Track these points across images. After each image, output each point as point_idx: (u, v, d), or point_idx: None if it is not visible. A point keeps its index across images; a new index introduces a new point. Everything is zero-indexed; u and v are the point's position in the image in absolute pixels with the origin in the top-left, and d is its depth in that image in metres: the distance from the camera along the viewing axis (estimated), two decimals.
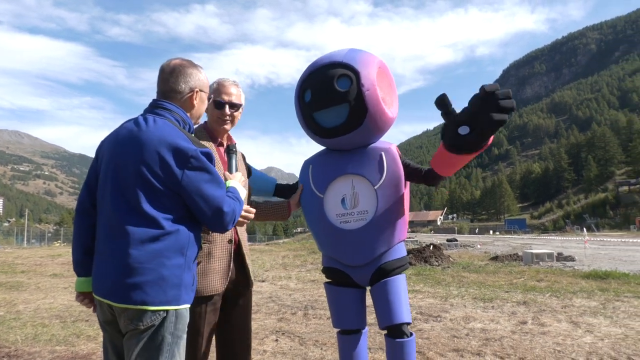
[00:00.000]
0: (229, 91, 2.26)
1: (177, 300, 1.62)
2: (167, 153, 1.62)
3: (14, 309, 6.61)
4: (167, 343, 1.60)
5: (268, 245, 35.30)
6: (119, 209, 1.62)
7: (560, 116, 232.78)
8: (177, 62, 1.84)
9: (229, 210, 1.71)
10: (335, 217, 2.34)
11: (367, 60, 2.25)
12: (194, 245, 1.71)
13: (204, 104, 1.93)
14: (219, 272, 2.14)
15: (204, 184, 1.65)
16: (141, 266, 1.56)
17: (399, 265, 2.35)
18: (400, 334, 2.30)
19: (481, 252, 19.56)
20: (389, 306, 2.28)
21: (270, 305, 6.83)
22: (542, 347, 4.31)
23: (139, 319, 1.57)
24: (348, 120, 2.21)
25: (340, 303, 2.46)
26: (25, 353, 4.31)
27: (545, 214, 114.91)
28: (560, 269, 11.23)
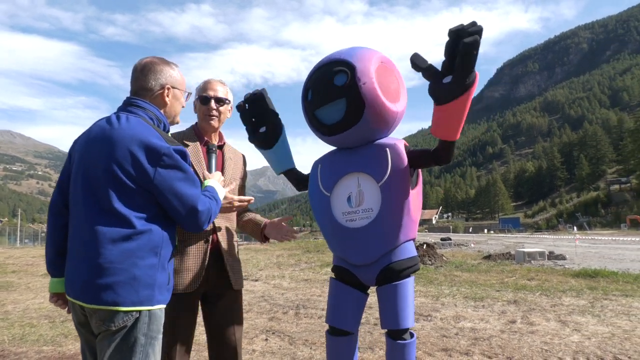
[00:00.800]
0: (215, 87, 2.29)
1: (150, 300, 1.60)
2: (139, 151, 1.60)
3: (2, 309, 6.56)
4: (140, 344, 1.58)
5: (264, 244, 35.30)
6: (90, 209, 1.60)
7: (553, 115, 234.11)
8: (149, 60, 1.83)
9: (204, 209, 1.69)
10: (342, 216, 2.33)
11: (366, 55, 2.26)
12: (168, 244, 1.69)
13: (178, 101, 1.89)
14: (192, 271, 2.13)
15: (177, 182, 1.63)
16: (112, 266, 1.54)
17: (409, 265, 2.32)
18: (401, 336, 2.29)
19: (474, 251, 19.64)
20: (395, 311, 2.27)
21: (262, 305, 6.82)
22: (529, 346, 4.33)
23: (110, 320, 1.55)
24: (346, 114, 2.21)
25: (339, 301, 2.45)
26: (11, 353, 4.28)
27: (539, 213, 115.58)
28: (551, 268, 11.30)
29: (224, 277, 2.25)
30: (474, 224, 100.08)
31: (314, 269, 12.40)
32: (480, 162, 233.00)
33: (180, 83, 1.89)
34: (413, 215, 2.32)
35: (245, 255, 18.81)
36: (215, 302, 2.27)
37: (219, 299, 2.27)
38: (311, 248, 20.19)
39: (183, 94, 1.92)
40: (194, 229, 1.73)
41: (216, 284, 2.24)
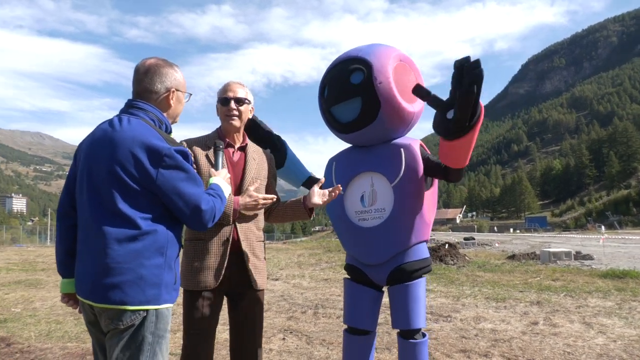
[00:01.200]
0: (234, 89, 2.33)
1: (156, 299, 1.62)
2: (140, 152, 1.62)
3: (30, 306, 6.77)
4: (147, 342, 1.61)
5: (285, 243, 35.43)
6: (96, 210, 1.63)
7: (580, 111, 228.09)
8: (152, 61, 1.83)
9: (208, 208, 1.70)
10: (354, 215, 2.33)
11: (384, 53, 2.24)
12: (174, 244, 1.71)
13: (180, 103, 1.91)
14: (213, 269, 2.19)
15: (179, 182, 1.65)
16: (119, 266, 1.57)
17: (421, 267, 2.31)
18: (413, 336, 2.29)
19: (499, 250, 19.31)
20: (406, 311, 2.26)
21: (282, 304, 6.85)
22: (551, 348, 4.23)
23: (118, 318, 1.58)
24: (361, 113, 2.20)
25: (355, 300, 2.45)
26: (37, 349, 4.41)
27: (567, 212, 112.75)
28: (578, 268, 11.02)
29: (246, 277, 2.27)
30: (499, 223, 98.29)
31: (334, 268, 12.39)
32: (505, 160, 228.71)
33: (183, 85, 1.90)
34: (426, 217, 2.31)
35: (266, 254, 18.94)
36: (238, 301, 2.30)
37: (241, 299, 2.30)
38: (332, 247, 20.18)
39: (185, 95, 1.93)
40: (198, 227, 1.74)
41: (238, 283, 2.27)
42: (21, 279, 10.14)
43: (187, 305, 2.23)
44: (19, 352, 4.36)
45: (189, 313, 2.21)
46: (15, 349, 4.44)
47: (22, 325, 5.43)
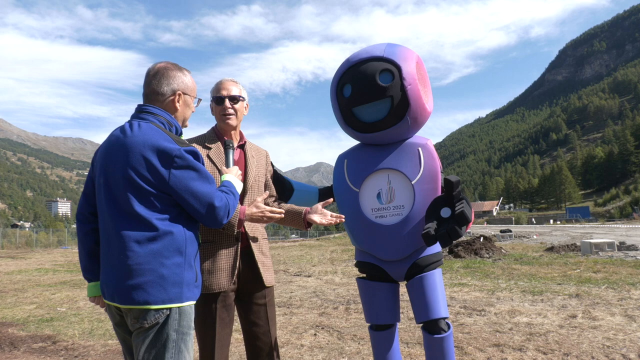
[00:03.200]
0: (227, 86, 2.32)
1: (179, 298, 1.67)
2: (151, 155, 1.66)
3: (75, 305, 7.08)
4: (172, 340, 1.66)
5: (319, 240, 35.60)
6: (114, 214, 1.68)
7: (624, 96, 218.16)
8: (162, 65, 1.87)
9: (221, 205, 1.74)
10: (371, 212, 2.34)
11: (407, 55, 2.25)
12: (192, 242, 1.75)
13: (188, 107, 1.93)
14: (225, 270, 2.20)
15: (192, 181, 1.68)
16: (140, 267, 1.62)
17: (434, 260, 2.34)
18: (438, 329, 2.28)
19: (537, 242, 18.78)
20: (425, 302, 2.27)
21: (314, 300, 6.90)
22: (590, 342, 4.10)
23: (143, 318, 1.64)
24: (389, 115, 2.21)
25: (374, 298, 2.46)
26: (80, 346, 4.62)
27: (611, 201, 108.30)
28: (621, 259, 10.59)
29: (256, 275, 2.30)
30: (538, 215, 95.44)
31: None
32: (544, 150, 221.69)
33: (192, 89, 1.93)
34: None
35: (299, 251, 19.07)
36: (248, 299, 2.32)
37: (252, 296, 2.32)
38: None
39: (194, 100, 1.96)
40: (214, 224, 1.78)
41: (248, 281, 2.29)
42: (66, 280, 10.62)
43: (202, 310, 2.22)
44: (63, 349, 4.59)
45: (204, 317, 2.21)
46: (61, 347, 4.67)
47: (67, 324, 5.69)
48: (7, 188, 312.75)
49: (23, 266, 15.09)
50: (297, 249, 20.72)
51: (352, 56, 2.36)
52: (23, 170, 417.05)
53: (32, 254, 22.80)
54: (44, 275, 12.07)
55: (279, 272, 11.28)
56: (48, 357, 4.34)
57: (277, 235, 64.26)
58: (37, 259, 19.07)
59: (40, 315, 6.29)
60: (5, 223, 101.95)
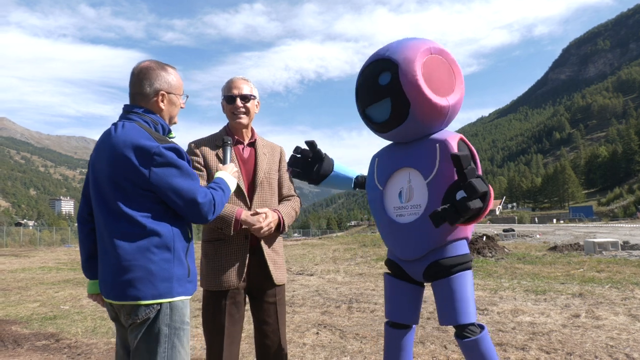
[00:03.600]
0: (238, 85, 2.34)
1: (169, 293, 1.69)
2: (131, 154, 1.68)
3: (78, 303, 7.11)
4: (164, 334, 1.69)
5: (321, 239, 35.62)
6: (104, 213, 1.73)
7: (628, 95, 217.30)
8: (145, 64, 1.87)
9: (205, 201, 1.75)
10: (393, 210, 2.35)
11: (413, 48, 2.20)
12: (180, 238, 1.77)
13: (174, 105, 1.93)
14: (234, 268, 2.22)
15: (173, 178, 1.70)
16: (129, 264, 1.66)
17: (459, 262, 2.24)
18: (467, 333, 2.18)
19: (540, 242, 18.72)
20: (448, 306, 2.20)
21: (316, 299, 6.91)
22: (593, 341, 4.08)
23: (135, 313, 1.68)
24: (393, 113, 2.21)
25: (395, 295, 2.46)
26: (83, 344, 4.64)
27: (614, 200, 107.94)
28: (625, 259, 10.54)
29: (266, 272, 2.30)
30: (542, 214, 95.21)
31: (369, 263, 12.37)
32: (547, 149, 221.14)
33: (176, 87, 1.92)
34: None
35: (302, 250, 19.09)
36: (259, 297, 2.33)
37: (262, 294, 2.33)
38: (368, 242, 20.13)
39: (180, 97, 1.95)
40: (199, 220, 1.79)
41: (258, 279, 2.30)
42: (69, 278, 10.66)
43: (212, 307, 2.25)
44: (67, 347, 4.60)
45: (213, 314, 2.23)
46: (64, 344, 4.69)
47: (70, 322, 5.71)
48: (11, 186, 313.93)
49: (27, 264, 15.16)
50: (300, 248, 20.73)
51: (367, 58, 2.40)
52: (27, 168, 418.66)
53: (35, 252, 22.91)
54: (47, 273, 12.12)
55: None
56: (51, 354, 4.35)
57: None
58: (41, 257, 19.15)
59: (44, 313, 6.31)
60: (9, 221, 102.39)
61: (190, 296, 1.82)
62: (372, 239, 22.32)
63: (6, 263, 15.78)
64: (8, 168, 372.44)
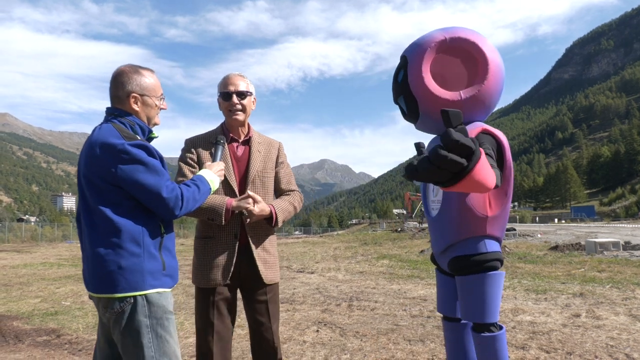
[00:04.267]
0: (234, 81, 2.33)
1: (141, 286, 1.74)
2: (100, 152, 1.76)
3: (79, 299, 7.12)
4: (145, 325, 1.73)
5: (322, 237, 35.64)
6: (83, 210, 1.82)
7: (631, 95, 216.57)
8: (120, 69, 1.94)
9: (170, 196, 1.79)
10: (430, 204, 2.40)
11: (422, 44, 2.19)
12: (150, 233, 1.81)
13: (149, 107, 1.97)
14: (222, 266, 2.23)
15: (139, 174, 1.75)
16: (102, 258, 1.72)
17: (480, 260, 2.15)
18: (484, 329, 2.15)
19: (541, 241, 18.69)
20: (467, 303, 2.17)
21: (316, 297, 6.91)
22: (593, 341, 4.08)
23: (110, 306, 1.74)
24: (408, 110, 2.25)
25: (440, 288, 2.50)
26: (84, 340, 4.65)
27: (616, 200, 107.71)
28: (626, 259, 10.53)
29: (256, 272, 2.30)
30: (543, 214, 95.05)
31: (370, 261, 12.37)
32: (549, 148, 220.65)
33: (151, 89, 1.97)
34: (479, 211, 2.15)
35: (302, 247, 19.10)
36: (250, 295, 2.33)
37: (253, 293, 2.32)
38: (369, 240, 20.14)
39: (155, 99, 1.98)
40: (166, 215, 1.83)
41: (248, 278, 2.30)
42: (71, 274, 10.69)
43: (200, 303, 2.26)
44: (68, 342, 4.61)
45: (202, 311, 2.24)
46: (65, 340, 4.70)
47: (71, 318, 5.73)
48: (13, 182, 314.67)
49: (28, 260, 15.20)
50: (301, 246, 20.75)
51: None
52: (29, 164, 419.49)
53: (37, 248, 22.98)
54: (48, 269, 12.15)
55: (282, 268, 11.30)
56: (52, 350, 4.36)
57: (281, 231, 64.34)
58: (42, 253, 19.21)
59: (45, 309, 6.33)
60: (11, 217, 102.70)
61: (170, 289, 1.86)
62: (373, 237, 22.33)
63: (8, 259, 15.83)
64: (10, 164, 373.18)
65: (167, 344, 1.76)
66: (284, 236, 47.93)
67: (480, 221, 2.16)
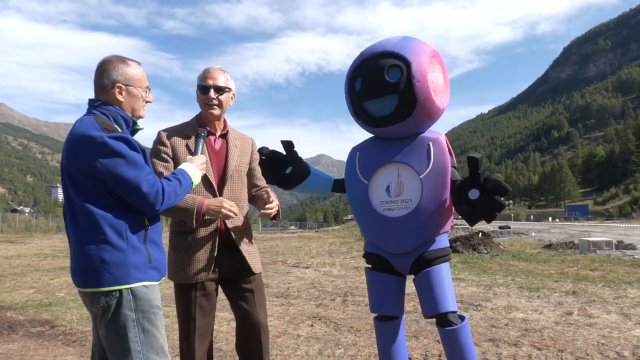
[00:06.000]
0: (214, 76, 2.29)
1: (125, 279, 1.71)
2: (79, 145, 1.72)
3: (73, 290, 7.10)
4: (131, 319, 1.71)
5: (317, 232, 35.68)
6: (66, 204, 1.80)
7: (627, 95, 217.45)
8: (106, 58, 1.90)
9: (150, 190, 1.74)
10: (379, 204, 2.36)
11: (420, 49, 2.23)
12: (134, 226, 1.77)
13: (134, 97, 1.93)
14: (203, 261, 2.21)
15: (118, 167, 1.71)
16: (86, 253, 1.71)
17: (441, 255, 2.33)
18: (448, 322, 2.27)
19: (535, 239, 18.81)
20: (432, 295, 2.28)
21: (311, 292, 6.93)
22: (585, 339, 4.12)
23: (96, 301, 1.72)
24: (396, 111, 2.22)
25: (379, 288, 2.48)
26: (78, 332, 4.65)
27: (610, 200, 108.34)
28: (619, 258, 10.61)
29: (240, 263, 2.30)
30: (537, 212, 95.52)
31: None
32: (545, 147, 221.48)
33: (137, 80, 1.92)
34: (450, 210, 2.33)
35: (298, 242, 19.13)
36: (234, 286, 2.33)
37: (238, 284, 2.33)
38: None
39: (141, 90, 1.95)
40: (146, 210, 1.78)
41: (231, 270, 2.30)
42: (65, 265, 10.66)
43: (181, 299, 2.24)
44: (62, 333, 4.62)
45: (183, 306, 2.23)
46: (59, 331, 4.70)
47: (65, 309, 5.72)
48: (8, 173, 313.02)
49: (22, 251, 15.15)
50: (296, 241, 20.78)
51: (366, 50, 2.36)
52: (24, 155, 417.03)
53: (31, 239, 22.89)
54: (43, 260, 12.12)
55: (277, 262, 11.32)
56: (46, 341, 4.36)
57: (276, 226, 64.36)
58: (36, 244, 19.14)
59: (39, 300, 6.33)
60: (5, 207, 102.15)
61: (157, 282, 1.84)
62: None
63: (1, 249, 15.77)
64: (5, 154, 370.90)
65: (153, 339, 1.74)
66: (279, 231, 47.95)
67: (449, 218, 2.37)
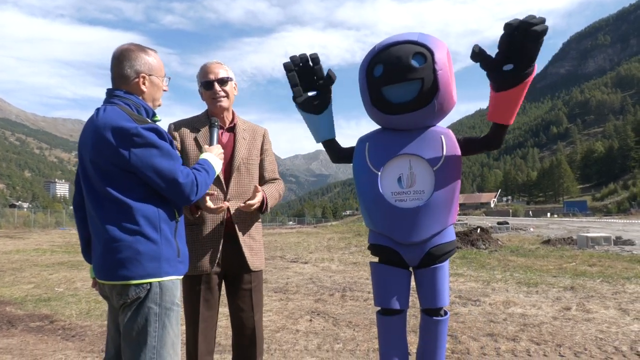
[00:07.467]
0: (214, 69, 2.31)
1: (157, 273, 1.71)
2: (111, 136, 1.68)
3: (72, 285, 7.13)
4: (154, 313, 1.70)
5: (316, 227, 35.71)
6: (91, 196, 1.75)
7: (626, 91, 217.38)
8: (125, 47, 1.86)
9: (186, 181, 1.74)
10: (391, 195, 2.37)
11: (439, 44, 2.30)
12: (166, 219, 1.77)
13: (156, 87, 1.92)
14: (206, 254, 2.23)
15: (153, 158, 1.70)
16: (118, 245, 1.67)
17: (449, 250, 2.39)
18: (437, 313, 2.38)
19: (533, 235, 18.84)
20: (434, 291, 2.35)
21: (310, 287, 6.95)
22: (583, 334, 4.14)
23: (126, 293, 1.69)
24: (418, 96, 2.23)
25: (386, 282, 2.48)
26: (77, 326, 4.66)
27: (609, 196, 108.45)
28: (617, 254, 10.65)
29: (241, 259, 2.30)
30: (536, 208, 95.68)
31: (363, 252, 12.42)
32: (544, 143, 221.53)
33: (157, 69, 1.91)
34: (457, 202, 2.40)
35: (296, 238, 19.15)
36: (234, 283, 2.33)
37: (238, 281, 2.33)
38: (362, 231, 20.19)
39: (162, 80, 1.94)
40: (181, 201, 1.79)
41: (233, 265, 2.30)
42: (64, 261, 10.67)
43: (186, 291, 2.26)
44: (61, 328, 4.62)
45: (188, 299, 2.25)
46: (58, 326, 4.70)
47: (65, 304, 5.73)
48: (6, 168, 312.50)
49: (21, 246, 15.14)
50: (295, 236, 20.79)
51: (386, 39, 2.39)
52: (21, 150, 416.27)
53: (29, 234, 22.87)
54: (41, 255, 12.12)
55: (275, 258, 11.33)
56: (45, 336, 4.37)
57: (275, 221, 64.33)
58: (35, 239, 19.13)
59: (38, 295, 6.33)
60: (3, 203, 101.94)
61: (181, 276, 1.84)
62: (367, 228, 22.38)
63: (0, 244, 15.76)
64: (3, 149, 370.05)
65: (167, 336, 1.74)
66: (277, 226, 47.97)
67: (456, 210, 2.40)
